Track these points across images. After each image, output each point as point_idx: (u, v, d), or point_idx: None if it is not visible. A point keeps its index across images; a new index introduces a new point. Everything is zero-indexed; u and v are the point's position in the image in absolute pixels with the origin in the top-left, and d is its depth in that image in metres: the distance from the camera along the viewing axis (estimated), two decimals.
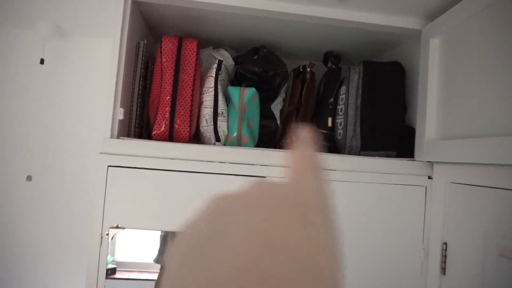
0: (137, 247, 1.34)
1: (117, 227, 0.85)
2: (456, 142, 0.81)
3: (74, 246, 1.43)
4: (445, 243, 0.87)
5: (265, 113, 1.13)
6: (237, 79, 1.17)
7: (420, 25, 1.00)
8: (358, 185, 0.93)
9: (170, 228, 0.88)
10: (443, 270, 0.87)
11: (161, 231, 1.23)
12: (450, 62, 0.88)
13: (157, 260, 1.22)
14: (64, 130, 1.44)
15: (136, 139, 0.93)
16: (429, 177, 0.95)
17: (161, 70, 0.95)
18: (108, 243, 0.84)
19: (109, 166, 0.86)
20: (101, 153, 0.86)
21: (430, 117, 0.93)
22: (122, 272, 1.29)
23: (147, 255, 1.31)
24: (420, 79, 0.97)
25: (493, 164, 0.72)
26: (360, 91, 1.03)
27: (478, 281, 0.75)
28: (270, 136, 1.15)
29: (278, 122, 1.13)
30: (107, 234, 0.84)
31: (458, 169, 0.84)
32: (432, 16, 0.96)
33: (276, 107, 1.14)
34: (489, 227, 0.74)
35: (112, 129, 0.89)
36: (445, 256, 0.87)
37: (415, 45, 1.04)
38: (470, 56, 0.80)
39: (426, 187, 0.95)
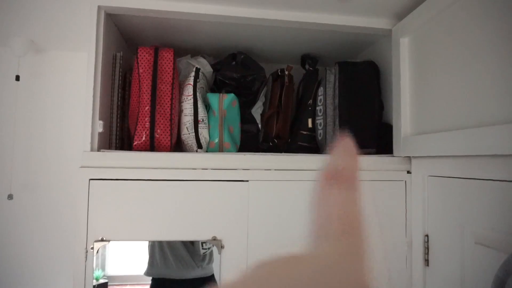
0: (128, 259, 1.33)
1: (101, 240, 0.84)
2: (430, 136, 0.84)
3: (60, 262, 1.41)
4: (427, 235, 0.90)
5: (246, 118, 1.14)
6: (217, 86, 1.18)
7: (391, 25, 1.03)
8: None
9: (155, 237, 0.88)
10: (427, 262, 0.89)
11: (149, 243, 1.22)
12: (420, 60, 0.91)
13: (147, 273, 1.22)
14: (44, 145, 1.42)
15: (117, 150, 0.92)
16: (408, 172, 0.97)
17: (139, 81, 0.95)
18: (93, 257, 0.84)
19: (90, 179, 0.85)
20: (81, 166, 0.86)
21: (404, 114, 0.95)
22: (114, 286, 1.28)
23: (138, 267, 1.30)
24: (393, 77, 1.00)
25: (466, 156, 0.74)
26: (337, 92, 1.06)
27: (459, 270, 0.78)
28: (252, 140, 1.16)
29: (259, 126, 1.15)
30: (92, 248, 0.83)
31: (434, 162, 0.87)
32: (401, 15, 1.00)
33: (257, 111, 1.15)
34: (465, 217, 0.76)
35: (92, 142, 0.89)
36: (428, 248, 0.89)
37: (387, 44, 1.07)
38: (438, 53, 0.83)
39: (405, 181, 0.97)
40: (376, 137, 1.06)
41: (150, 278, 1.21)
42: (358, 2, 0.94)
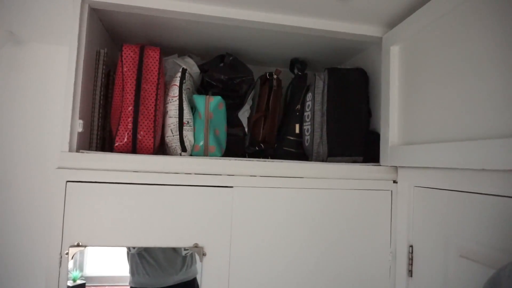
0: (107, 260, 1.29)
1: (77, 245, 0.81)
2: (418, 147, 0.83)
3: (32, 267, 1.35)
4: (411, 246, 0.89)
5: (233, 121, 1.12)
6: (204, 87, 1.16)
7: (381, 33, 1.02)
8: (326, 191, 0.94)
9: (134, 243, 0.85)
10: (410, 273, 0.89)
11: (128, 250, 1.18)
12: (410, 69, 0.90)
13: (130, 283, 1.18)
14: (20, 143, 1.36)
15: (96, 152, 0.89)
16: (394, 181, 0.97)
17: (123, 80, 0.92)
18: (68, 263, 0.80)
19: (67, 181, 0.81)
20: (58, 167, 0.82)
21: (393, 123, 0.95)
22: (92, 287, 1.24)
23: (117, 268, 1.26)
24: (382, 86, 0.99)
25: (454, 168, 0.74)
26: (325, 98, 1.04)
27: (442, 282, 0.77)
28: (238, 144, 1.14)
29: (246, 129, 1.13)
30: (67, 253, 0.79)
31: (421, 173, 0.86)
32: (392, 24, 0.99)
33: (244, 114, 1.13)
34: (450, 229, 0.76)
35: (70, 142, 0.85)
36: (412, 259, 0.89)
37: (377, 51, 1.07)
38: (428, 63, 0.83)
39: (391, 191, 0.97)
40: (363, 145, 1.05)
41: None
42: (350, 9, 0.93)
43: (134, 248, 1.16)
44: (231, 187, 0.88)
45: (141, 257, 1.16)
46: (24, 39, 1.34)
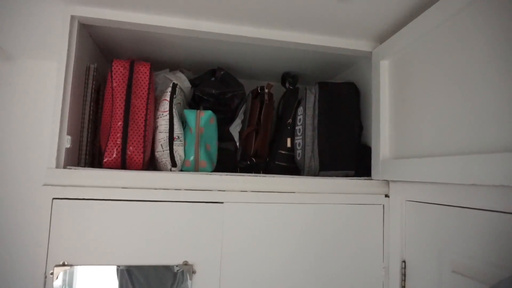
0: (97, 279, 1.25)
1: (63, 264, 0.78)
2: (409, 161, 0.83)
3: (16, 287, 1.31)
4: (404, 261, 0.88)
5: (224, 136, 1.11)
6: (195, 102, 1.15)
7: (371, 47, 1.03)
8: (317, 206, 0.93)
9: (122, 262, 0.83)
10: None
11: (117, 267, 1.15)
12: (400, 83, 0.91)
13: None
14: (5, 158, 1.34)
15: (84, 168, 0.87)
16: (386, 196, 0.96)
17: (112, 95, 0.91)
18: (53, 283, 0.77)
19: (54, 198, 0.80)
20: (44, 184, 0.80)
21: (384, 137, 0.95)
22: None
23: (108, 286, 1.22)
24: (373, 100, 1.00)
25: (446, 183, 0.73)
26: (316, 112, 1.04)
27: None
28: (230, 159, 1.13)
29: (238, 144, 1.12)
30: (52, 273, 0.77)
31: (413, 187, 0.86)
32: (381, 38, 1.00)
33: (235, 129, 1.13)
34: (442, 244, 0.75)
35: (57, 158, 0.84)
36: (405, 274, 0.87)
37: (367, 65, 1.07)
38: (418, 77, 0.83)
39: (383, 205, 0.96)
40: (355, 159, 1.05)
41: None
42: (340, 24, 0.94)
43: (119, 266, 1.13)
44: (222, 203, 0.87)
45: (130, 274, 1.13)
46: (13, 54, 1.33)
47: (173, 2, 0.85)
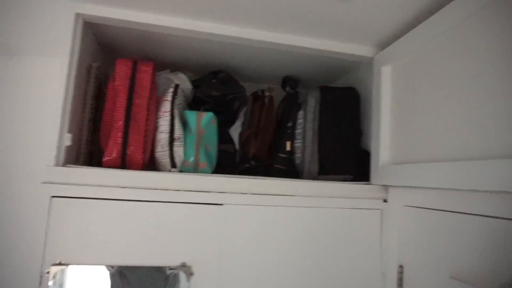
0: (88, 280, 1.24)
1: (59, 263, 0.78)
2: (408, 166, 0.84)
3: (10, 286, 1.29)
4: (401, 266, 0.88)
5: (224, 137, 1.11)
6: (196, 103, 1.15)
7: (372, 53, 1.04)
8: (316, 210, 0.93)
9: (119, 262, 0.82)
10: None
11: (110, 268, 1.14)
12: (401, 89, 0.92)
13: None
14: (6, 155, 1.32)
15: (84, 166, 0.87)
16: (385, 200, 0.97)
17: (114, 94, 0.91)
18: (49, 282, 0.77)
19: (52, 196, 0.79)
20: (43, 182, 0.80)
21: (383, 142, 0.95)
22: None
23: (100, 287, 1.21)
24: (373, 105, 1.00)
25: (444, 188, 0.74)
26: (317, 116, 1.05)
27: None
28: (229, 161, 1.13)
29: (237, 146, 1.12)
30: (48, 273, 0.76)
31: (412, 192, 0.86)
32: (383, 44, 1.01)
33: (235, 131, 1.13)
34: (441, 250, 0.75)
35: (57, 156, 0.83)
36: (402, 280, 0.87)
37: (369, 70, 1.08)
38: (420, 84, 0.84)
39: (381, 210, 0.96)
40: (354, 164, 1.05)
41: None
42: (342, 29, 0.95)
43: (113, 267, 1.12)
44: (221, 204, 0.87)
45: (122, 276, 1.12)
46: (16, 51, 1.32)
47: (177, 2, 0.85)
